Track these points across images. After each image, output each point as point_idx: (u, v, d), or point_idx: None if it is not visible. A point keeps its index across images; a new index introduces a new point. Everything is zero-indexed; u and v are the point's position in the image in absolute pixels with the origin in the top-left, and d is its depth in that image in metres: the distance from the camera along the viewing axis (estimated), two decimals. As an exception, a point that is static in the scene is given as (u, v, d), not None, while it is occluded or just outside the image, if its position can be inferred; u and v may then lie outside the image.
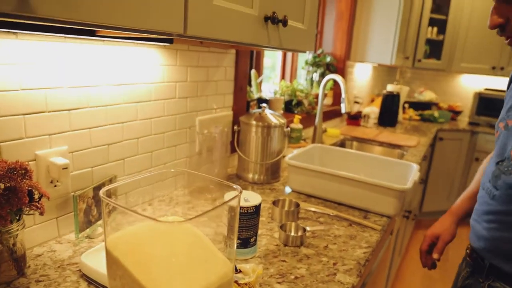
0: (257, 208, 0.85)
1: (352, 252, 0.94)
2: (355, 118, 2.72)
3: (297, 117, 1.91)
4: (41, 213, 0.74)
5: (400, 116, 3.11)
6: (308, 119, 2.16)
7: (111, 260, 0.49)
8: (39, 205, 0.73)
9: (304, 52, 1.19)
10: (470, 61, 3.35)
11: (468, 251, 0.98)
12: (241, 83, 1.48)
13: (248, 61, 1.48)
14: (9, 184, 0.67)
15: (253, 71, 1.87)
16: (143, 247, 0.49)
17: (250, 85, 1.90)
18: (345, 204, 1.22)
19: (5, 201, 0.66)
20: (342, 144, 2.29)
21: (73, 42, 0.85)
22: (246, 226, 0.85)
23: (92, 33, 0.81)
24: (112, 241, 0.49)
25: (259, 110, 1.40)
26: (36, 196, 0.74)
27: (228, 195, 0.86)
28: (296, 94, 2.10)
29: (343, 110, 1.83)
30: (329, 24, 2.59)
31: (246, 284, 0.68)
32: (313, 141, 1.99)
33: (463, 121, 3.61)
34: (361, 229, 1.07)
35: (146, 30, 0.60)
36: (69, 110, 0.88)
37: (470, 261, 0.96)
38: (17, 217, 0.72)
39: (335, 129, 2.32)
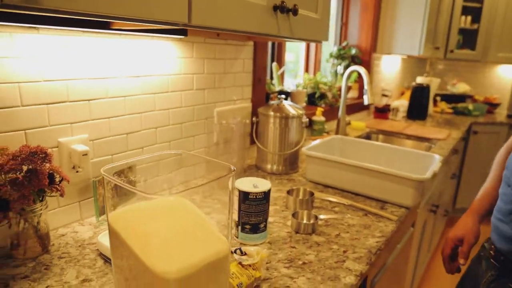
0: (266, 194, 0.86)
1: (364, 240, 0.94)
2: (382, 111, 2.66)
3: (319, 110, 1.90)
4: (61, 195, 0.79)
5: (431, 109, 3.01)
6: (331, 112, 2.14)
7: (113, 234, 0.53)
8: (59, 187, 0.78)
9: (319, 42, 1.19)
10: (508, 50, 3.19)
11: (492, 252, 0.91)
12: (260, 75, 1.49)
13: (266, 53, 1.49)
14: (30, 167, 0.72)
15: (274, 64, 1.88)
16: (142, 222, 0.52)
17: (271, 77, 1.91)
18: (362, 194, 1.21)
19: (27, 182, 0.71)
20: (367, 137, 2.25)
21: (92, 36, 0.90)
22: (255, 211, 0.86)
23: (106, 26, 0.86)
24: (114, 216, 0.53)
25: (277, 101, 1.41)
26: (57, 179, 0.80)
27: (240, 181, 0.89)
28: (319, 86, 2.08)
29: (365, 102, 1.80)
30: (354, 15, 2.54)
31: (249, 265, 0.70)
32: (337, 134, 1.97)
33: (501, 114, 3.44)
34: (377, 219, 1.06)
35: (151, 20, 0.63)
36: (89, 100, 0.93)
37: (496, 264, 0.89)
38: (40, 198, 0.78)
39: (360, 122, 2.29)
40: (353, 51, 2.46)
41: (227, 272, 0.57)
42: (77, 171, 0.93)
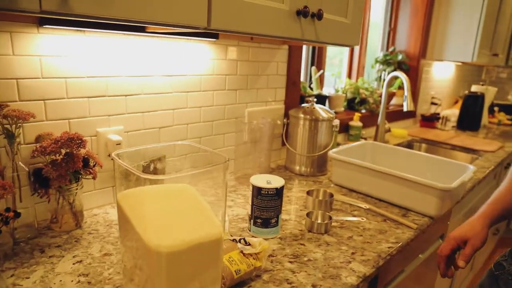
0: (278, 190, 0.90)
1: (376, 245, 0.94)
2: (429, 120, 2.56)
3: (357, 115, 1.89)
4: (94, 178, 0.89)
5: (485, 119, 2.83)
6: (372, 118, 2.11)
7: (119, 210, 0.60)
8: (91, 171, 0.88)
9: (349, 46, 1.20)
10: None
11: None
12: (294, 78, 1.53)
13: (301, 56, 1.53)
14: (68, 150, 0.83)
15: (313, 68, 1.90)
16: (145, 202, 0.59)
17: (310, 81, 1.94)
18: (386, 201, 1.20)
19: (65, 163, 0.82)
20: (408, 145, 2.19)
21: (131, 38, 1.00)
22: (267, 206, 0.90)
23: (142, 30, 0.95)
24: (122, 195, 0.60)
25: (309, 104, 1.43)
26: (91, 164, 0.90)
27: (255, 177, 0.94)
28: (360, 92, 2.06)
29: (404, 109, 1.76)
30: (403, 20, 2.48)
31: (250, 254, 0.75)
32: (375, 140, 1.95)
33: None
34: (395, 225, 1.05)
35: (173, 24, 0.70)
36: (125, 95, 1.03)
37: None
38: (76, 179, 0.88)
39: (402, 130, 2.22)
40: (400, 57, 2.40)
41: (219, 255, 0.62)
42: (112, 159, 1.03)
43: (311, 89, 1.90)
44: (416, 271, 1.19)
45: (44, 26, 0.84)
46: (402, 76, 1.76)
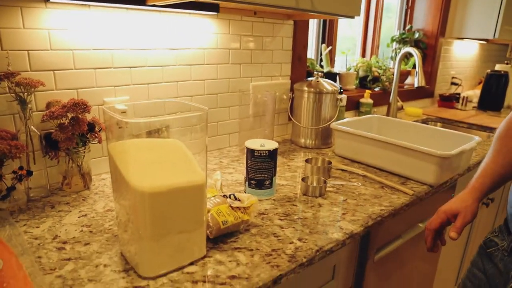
0: (271, 153, 0.94)
1: (369, 207, 0.96)
2: (448, 100, 2.50)
3: (367, 92, 1.88)
4: (99, 142, 0.96)
5: (509, 100, 2.73)
6: (385, 96, 2.09)
7: (110, 158, 0.66)
8: (97, 135, 0.95)
9: (349, 17, 1.20)
10: None
11: None
12: (300, 53, 1.54)
13: (307, 32, 1.54)
14: (73, 115, 0.90)
15: (323, 45, 1.90)
16: (133, 151, 0.64)
17: (321, 59, 1.94)
18: (386, 170, 1.21)
19: (71, 126, 0.89)
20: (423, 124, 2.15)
21: (134, 12, 1.05)
22: (260, 168, 0.94)
23: (143, 3, 1.00)
24: (112, 145, 0.66)
25: (314, 78, 1.45)
26: (97, 129, 0.97)
27: (250, 141, 0.97)
28: (372, 70, 2.05)
29: (415, 84, 1.74)
30: (420, -3, 2.42)
31: (238, 208, 0.79)
32: (386, 118, 1.93)
33: None
34: (391, 191, 1.07)
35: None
36: (130, 67, 1.09)
37: None
38: (83, 143, 0.95)
39: (416, 108, 2.19)
40: (417, 35, 2.35)
41: (202, 201, 0.66)
42: (119, 127, 1.09)
43: (321, 66, 1.91)
44: (415, 239, 1.20)
45: (51, 0, 0.91)
46: (414, 51, 1.74)
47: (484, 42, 2.97)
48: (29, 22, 0.90)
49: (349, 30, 2.32)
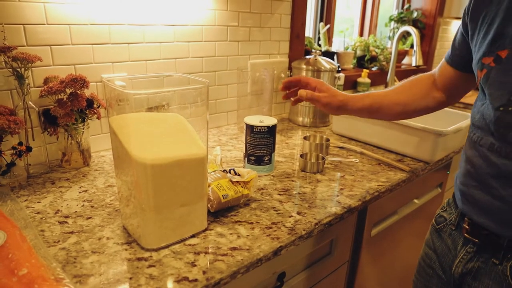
0: (270, 128, 0.94)
1: (366, 183, 0.97)
2: (445, 80, 2.50)
3: (365, 71, 1.88)
4: (98, 118, 0.96)
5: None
6: (382, 76, 2.09)
7: (111, 132, 0.66)
8: (96, 111, 0.95)
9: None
10: None
11: (467, 226, 0.73)
12: (298, 31, 1.53)
13: (305, 9, 1.52)
14: (72, 90, 0.89)
15: (321, 24, 1.88)
16: (135, 124, 0.64)
17: (319, 38, 1.93)
18: (383, 147, 1.22)
19: (70, 102, 0.89)
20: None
21: (130, -14, 1.04)
22: (259, 144, 0.95)
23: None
24: (114, 118, 0.66)
25: (312, 56, 1.44)
26: (96, 105, 0.96)
27: (249, 117, 0.98)
28: (370, 49, 2.04)
29: (413, 63, 1.74)
30: (419, -25, 2.39)
31: (238, 182, 0.80)
32: (383, 97, 1.94)
33: None
34: (388, 168, 1.08)
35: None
36: (128, 43, 1.08)
37: (474, 239, 0.72)
38: (82, 119, 0.95)
39: (413, 88, 2.19)
40: (415, 14, 2.33)
41: (204, 174, 0.67)
42: (118, 104, 1.09)
43: (319, 45, 1.90)
44: (410, 215, 1.22)
45: (46, -28, 0.89)
46: (412, 30, 1.73)
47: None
48: (24, -5, 0.88)
49: (346, 11, 2.30)
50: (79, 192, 0.85)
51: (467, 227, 0.73)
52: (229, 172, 0.82)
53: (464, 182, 0.73)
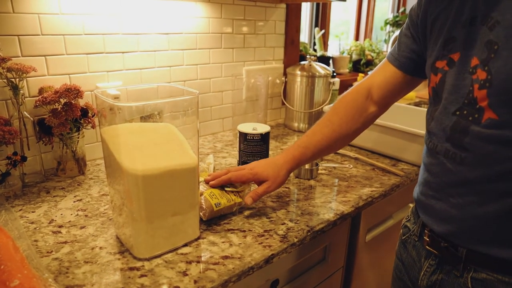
0: (263, 136, 0.95)
1: (360, 189, 0.98)
2: (441, 82, 2.51)
3: (360, 75, 1.89)
4: (93, 127, 0.97)
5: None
6: (378, 80, 2.10)
7: (103, 143, 0.67)
8: (90, 120, 0.96)
9: (342, 0, 1.20)
10: None
11: (427, 238, 0.71)
12: (293, 37, 1.54)
13: (300, 15, 1.53)
14: (66, 100, 0.90)
15: (316, 29, 1.90)
16: (126, 135, 0.65)
17: (314, 43, 1.94)
18: (377, 152, 1.23)
19: (64, 112, 0.89)
20: (416, 106, 2.17)
21: (124, -5, 1.05)
22: (253, 152, 0.96)
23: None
24: (105, 129, 0.67)
25: (306, 62, 1.45)
26: (90, 114, 0.97)
27: (243, 125, 0.98)
28: (365, 53, 2.05)
29: (408, 67, 1.75)
30: (414, -21, 2.40)
31: (231, 191, 0.81)
32: (379, 101, 1.95)
33: None
34: (383, 173, 1.09)
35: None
36: (123, 52, 1.09)
37: (434, 251, 0.70)
38: (76, 128, 0.96)
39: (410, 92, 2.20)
40: (410, 17, 2.34)
41: (195, 184, 0.68)
42: (110, 111, 1.10)
43: (315, 50, 1.91)
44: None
45: (39, -16, 0.90)
46: (406, 34, 1.74)
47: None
48: (18, 6, 0.89)
49: (343, 14, 2.31)
50: (74, 201, 0.86)
51: (427, 239, 0.71)
52: (222, 181, 0.83)
53: (422, 191, 0.71)
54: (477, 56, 0.58)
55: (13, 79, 0.88)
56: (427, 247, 0.71)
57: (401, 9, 2.44)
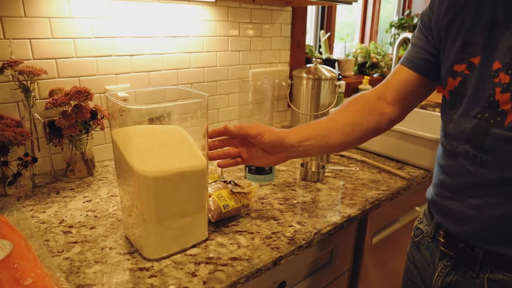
0: (270, 139, 0.96)
1: (366, 192, 0.98)
2: (447, 85, 2.51)
3: (366, 78, 1.89)
4: (102, 129, 0.98)
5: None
6: (383, 83, 2.10)
7: (114, 144, 0.68)
8: (99, 122, 0.97)
9: (349, 3, 1.21)
10: None
11: (442, 239, 0.71)
12: (299, 40, 1.55)
13: (305, 18, 1.54)
14: (76, 102, 0.91)
15: (321, 32, 1.90)
16: (137, 137, 0.65)
17: (320, 46, 1.95)
18: (384, 155, 1.23)
19: (74, 114, 0.91)
20: (422, 109, 2.17)
21: (135, 1, 1.06)
22: (260, 154, 0.96)
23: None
24: (116, 131, 0.68)
25: (312, 64, 1.46)
26: (99, 116, 0.98)
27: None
28: (371, 56, 2.05)
29: (414, 70, 1.75)
30: (419, -18, 2.41)
31: (239, 193, 0.81)
32: (384, 104, 1.95)
33: None
34: (389, 176, 1.09)
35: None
36: (131, 55, 1.10)
37: (449, 252, 0.69)
38: (86, 130, 0.97)
39: (415, 94, 2.20)
40: (415, 20, 2.35)
41: (204, 186, 0.68)
42: (121, 115, 1.11)
43: (320, 53, 1.92)
44: (412, 223, 1.22)
45: (51, -12, 0.91)
46: (412, 37, 1.74)
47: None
48: (30, 10, 0.91)
49: (348, 16, 2.32)
50: (83, 202, 0.87)
51: (442, 240, 0.71)
52: (230, 183, 0.84)
53: (438, 192, 0.72)
54: (499, 60, 0.59)
55: (24, 82, 0.89)
56: (441, 248, 0.71)
57: (406, 12, 2.44)
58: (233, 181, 0.84)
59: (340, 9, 2.05)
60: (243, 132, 0.75)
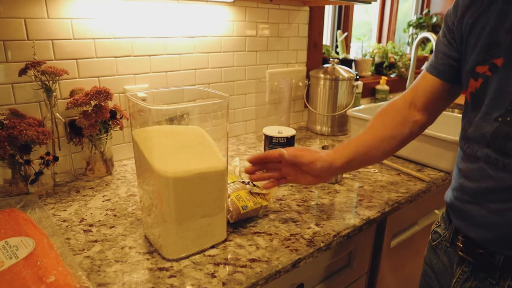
0: (288, 139, 0.95)
1: (385, 194, 0.97)
2: (466, 86, 2.46)
3: (383, 79, 1.86)
4: (121, 128, 0.99)
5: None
6: (401, 83, 2.07)
7: (134, 144, 0.68)
8: (119, 122, 0.98)
9: (367, 3, 1.19)
10: None
11: (460, 244, 0.69)
12: (316, 40, 1.54)
13: (323, 18, 1.53)
14: (96, 102, 0.92)
15: (338, 31, 1.89)
16: (157, 137, 0.66)
17: (337, 46, 1.93)
18: (403, 157, 1.21)
19: (94, 113, 0.92)
20: (440, 111, 2.13)
21: (153, 1, 1.07)
22: (278, 155, 0.96)
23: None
24: (137, 131, 0.68)
25: (330, 64, 1.45)
26: (119, 116, 0.99)
27: (268, 128, 0.99)
28: (388, 56, 2.03)
29: (433, 71, 1.72)
30: (439, -20, 2.36)
31: (258, 194, 0.81)
32: (402, 105, 1.92)
33: None
34: (408, 178, 1.07)
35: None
36: (150, 55, 1.11)
37: (468, 257, 0.68)
38: (105, 130, 0.98)
39: (434, 95, 2.16)
40: (434, 19, 2.31)
41: (224, 187, 0.68)
42: (140, 115, 1.12)
43: (337, 53, 1.90)
44: (431, 227, 1.20)
45: (73, -11, 0.93)
46: (431, 36, 1.71)
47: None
48: (53, 12, 0.92)
49: (364, 16, 2.29)
50: (103, 201, 0.88)
51: (461, 245, 0.69)
52: (248, 184, 0.83)
53: (457, 196, 0.70)
54: None
55: (46, 82, 0.91)
56: (460, 253, 0.69)
57: (425, 11, 2.40)
58: (252, 182, 0.84)
59: (357, 9, 2.03)
60: (296, 160, 0.77)
